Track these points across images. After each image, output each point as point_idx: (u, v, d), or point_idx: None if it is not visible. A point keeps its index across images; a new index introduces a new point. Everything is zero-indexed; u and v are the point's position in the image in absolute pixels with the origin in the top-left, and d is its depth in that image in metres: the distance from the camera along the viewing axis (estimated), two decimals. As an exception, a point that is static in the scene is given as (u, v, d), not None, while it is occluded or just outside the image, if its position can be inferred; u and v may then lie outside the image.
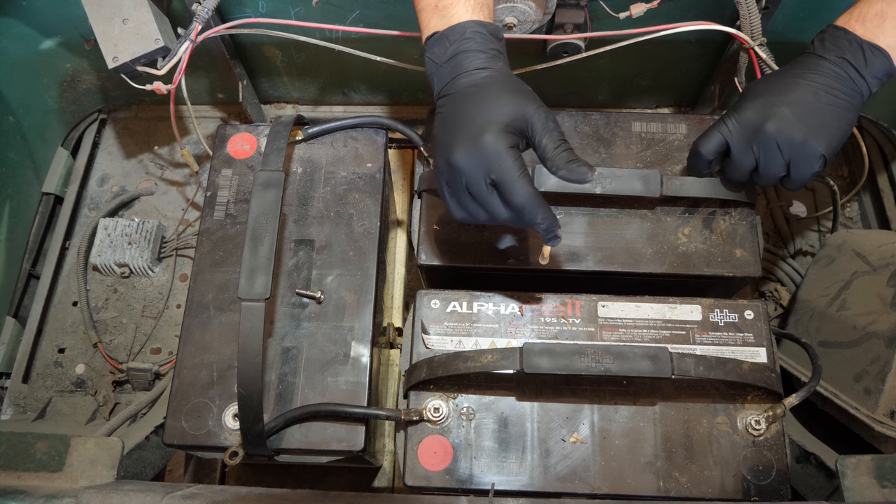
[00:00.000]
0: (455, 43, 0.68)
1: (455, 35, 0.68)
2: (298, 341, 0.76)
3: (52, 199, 1.26)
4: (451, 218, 0.69)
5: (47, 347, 1.16)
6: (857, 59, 0.71)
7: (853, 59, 0.71)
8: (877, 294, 0.83)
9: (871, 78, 0.71)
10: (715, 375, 0.68)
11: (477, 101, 0.66)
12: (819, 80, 0.71)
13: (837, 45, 0.72)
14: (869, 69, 0.71)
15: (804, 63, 0.73)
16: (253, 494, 0.64)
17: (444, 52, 0.68)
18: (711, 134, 0.75)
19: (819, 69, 0.72)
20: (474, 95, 0.66)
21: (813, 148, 0.70)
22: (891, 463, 0.62)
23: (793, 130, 0.70)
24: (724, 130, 0.74)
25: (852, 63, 0.71)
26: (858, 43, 0.71)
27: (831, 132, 0.71)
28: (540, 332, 0.76)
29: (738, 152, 0.73)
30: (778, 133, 0.70)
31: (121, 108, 1.34)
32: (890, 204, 1.17)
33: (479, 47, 0.68)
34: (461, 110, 0.66)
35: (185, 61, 0.95)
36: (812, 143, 0.70)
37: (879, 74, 0.72)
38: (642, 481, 0.70)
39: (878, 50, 0.71)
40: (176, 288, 1.19)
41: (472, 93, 0.67)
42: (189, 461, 1.05)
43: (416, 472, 0.71)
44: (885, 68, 0.71)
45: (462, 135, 0.65)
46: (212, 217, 0.82)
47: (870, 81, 0.72)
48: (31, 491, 0.61)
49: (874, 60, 0.71)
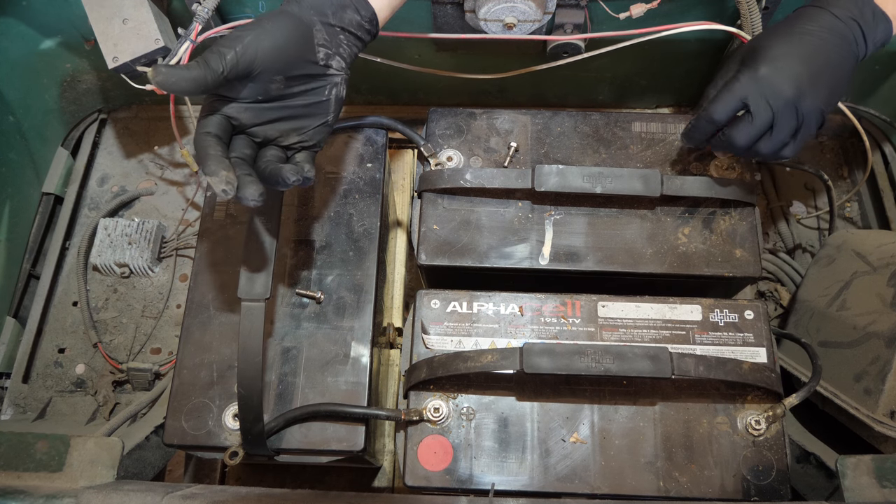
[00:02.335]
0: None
1: None
2: (298, 341, 0.76)
3: (52, 199, 1.26)
4: (451, 218, 0.69)
5: (47, 347, 1.16)
6: (865, 22, 0.70)
7: (863, 21, 0.70)
8: (877, 294, 0.83)
9: (871, 43, 0.71)
10: (715, 375, 0.68)
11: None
12: (830, 39, 0.69)
13: (852, 4, 0.70)
14: (873, 34, 0.70)
15: (816, 18, 0.70)
16: (253, 494, 0.64)
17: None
18: (726, 97, 0.71)
19: (831, 27, 0.69)
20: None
21: (820, 112, 0.69)
22: (891, 463, 0.62)
23: (810, 94, 0.68)
24: (743, 92, 0.69)
25: (861, 26, 0.70)
26: (871, 8, 0.70)
27: (836, 95, 0.70)
28: (540, 332, 0.76)
29: (758, 114, 0.69)
30: (798, 97, 0.68)
31: (121, 108, 1.34)
32: (890, 204, 1.17)
33: None
34: None
35: (186, 61, 0.95)
36: (822, 107, 0.69)
37: (878, 41, 0.71)
38: (642, 481, 0.70)
39: (884, 17, 0.70)
40: (176, 288, 1.19)
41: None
42: (189, 461, 1.05)
43: (416, 472, 0.71)
44: (885, 36, 0.71)
45: None
46: (212, 217, 0.82)
47: (869, 46, 0.71)
48: (31, 491, 0.61)
49: (879, 26, 0.70)
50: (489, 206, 0.82)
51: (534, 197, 0.82)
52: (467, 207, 0.82)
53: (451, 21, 1.04)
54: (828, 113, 0.70)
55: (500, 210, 0.82)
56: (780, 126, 0.69)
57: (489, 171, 0.80)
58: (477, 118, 0.88)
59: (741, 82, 0.70)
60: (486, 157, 0.86)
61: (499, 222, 0.81)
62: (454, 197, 0.83)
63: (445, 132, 0.87)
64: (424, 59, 1.12)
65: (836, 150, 1.27)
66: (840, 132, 1.27)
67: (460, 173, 0.81)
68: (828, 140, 1.28)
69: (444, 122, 0.88)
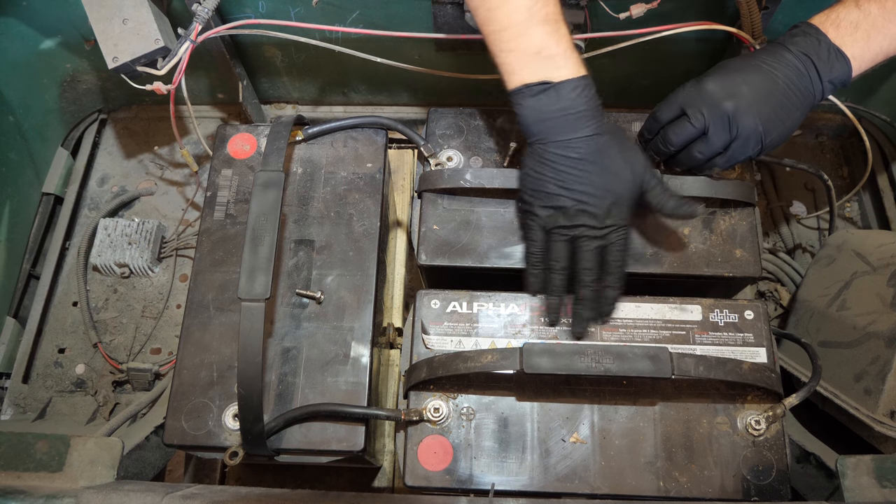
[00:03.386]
0: (565, 100, 0.69)
1: (566, 91, 0.69)
2: (298, 341, 0.76)
3: (52, 199, 1.26)
4: (451, 218, 0.69)
5: (47, 347, 1.16)
6: (821, 61, 0.73)
7: (817, 60, 0.73)
8: (877, 294, 0.83)
9: (828, 82, 0.73)
10: (715, 375, 0.68)
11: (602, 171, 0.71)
12: (781, 70, 0.73)
13: (807, 42, 0.74)
14: (829, 73, 0.73)
15: (772, 52, 0.75)
16: (253, 494, 0.64)
17: (552, 106, 0.69)
18: (670, 100, 0.77)
19: (783, 61, 0.74)
20: (596, 163, 0.70)
21: (758, 134, 0.73)
22: (891, 463, 0.62)
23: (746, 112, 0.72)
24: (684, 99, 0.75)
25: (815, 64, 0.73)
26: (827, 46, 0.73)
27: (778, 123, 0.73)
28: (540, 332, 0.76)
29: (694, 120, 0.74)
30: (734, 111, 0.72)
31: (121, 108, 1.34)
32: (890, 204, 1.17)
33: (588, 107, 0.70)
34: (585, 178, 0.70)
35: (185, 61, 0.95)
36: (759, 128, 0.72)
37: (836, 81, 0.73)
38: (642, 481, 0.70)
39: (843, 57, 0.73)
40: (176, 288, 1.19)
41: (595, 160, 0.70)
42: (189, 461, 1.05)
43: (416, 472, 0.71)
44: (843, 76, 0.73)
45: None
46: (212, 217, 0.82)
47: (825, 85, 0.74)
48: (31, 491, 0.60)
49: (837, 66, 0.73)
50: (489, 206, 0.82)
51: (534, 197, 0.82)
52: (467, 207, 0.82)
53: (451, 21, 1.04)
54: (771, 138, 0.74)
55: (500, 210, 0.82)
56: (713, 133, 0.73)
57: (489, 171, 0.80)
58: (477, 118, 0.88)
59: (685, 90, 0.76)
60: (486, 157, 0.86)
61: (499, 222, 0.81)
62: (454, 197, 0.83)
63: (445, 132, 0.87)
64: (424, 59, 1.12)
65: (836, 150, 1.27)
66: (840, 132, 1.27)
67: (460, 173, 0.81)
68: (828, 140, 1.28)
69: (444, 122, 0.88)
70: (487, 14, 0.70)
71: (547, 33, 0.69)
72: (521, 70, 0.70)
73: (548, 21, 0.68)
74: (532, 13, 0.68)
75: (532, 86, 0.69)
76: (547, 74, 0.69)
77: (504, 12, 0.69)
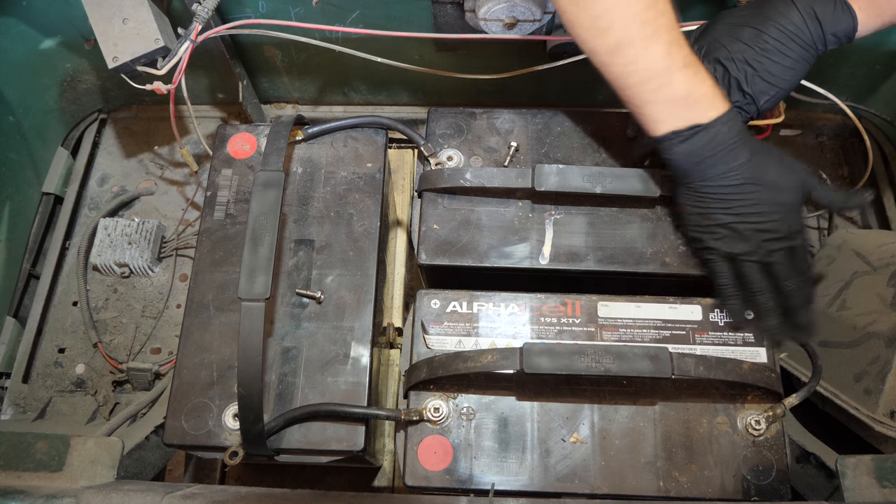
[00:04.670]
0: (718, 137, 0.67)
1: (717, 129, 0.67)
2: (298, 341, 0.76)
3: (52, 199, 1.26)
4: (451, 217, 0.69)
5: (47, 347, 1.16)
6: (825, 12, 0.71)
7: (821, 12, 0.71)
8: (877, 294, 0.83)
9: (831, 35, 0.72)
10: (715, 375, 0.68)
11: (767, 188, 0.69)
12: (784, 25, 0.71)
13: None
14: (833, 26, 0.71)
15: (774, 3, 0.73)
16: (253, 494, 0.65)
17: (705, 147, 0.68)
18: None
19: (787, 14, 0.72)
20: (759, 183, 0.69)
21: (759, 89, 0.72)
22: (891, 463, 0.62)
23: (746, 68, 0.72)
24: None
25: (818, 16, 0.71)
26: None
27: (776, 80, 0.72)
28: (540, 332, 0.76)
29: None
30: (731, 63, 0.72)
31: (121, 108, 1.34)
32: (890, 204, 1.17)
33: (740, 137, 0.68)
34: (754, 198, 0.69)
35: (185, 61, 0.95)
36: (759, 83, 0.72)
37: (840, 34, 0.72)
38: (642, 481, 0.70)
39: (849, 9, 0.71)
40: (176, 288, 1.19)
41: (757, 181, 0.69)
42: (189, 461, 1.05)
43: (416, 472, 0.71)
44: (848, 30, 0.72)
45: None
46: (212, 217, 0.82)
47: (828, 38, 0.72)
48: (31, 491, 0.61)
49: (842, 19, 0.71)
50: (489, 205, 0.82)
51: (534, 196, 0.82)
52: (467, 207, 0.82)
53: (451, 21, 1.04)
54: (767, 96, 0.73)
55: (500, 210, 0.82)
56: None
57: (489, 171, 0.80)
58: (477, 118, 0.88)
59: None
60: (486, 157, 0.86)
61: (499, 222, 0.81)
62: (454, 196, 0.83)
63: (445, 132, 0.87)
64: (424, 59, 1.12)
65: (836, 150, 1.27)
66: (840, 132, 1.27)
67: (460, 173, 0.81)
68: (828, 140, 1.28)
69: (444, 121, 0.88)
70: (623, 69, 0.67)
71: (689, 77, 0.66)
72: (669, 118, 0.68)
73: (688, 65, 0.66)
74: (672, 59, 0.66)
75: (682, 132, 0.68)
76: (696, 118, 0.67)
77: (644, 65, 0.66)
